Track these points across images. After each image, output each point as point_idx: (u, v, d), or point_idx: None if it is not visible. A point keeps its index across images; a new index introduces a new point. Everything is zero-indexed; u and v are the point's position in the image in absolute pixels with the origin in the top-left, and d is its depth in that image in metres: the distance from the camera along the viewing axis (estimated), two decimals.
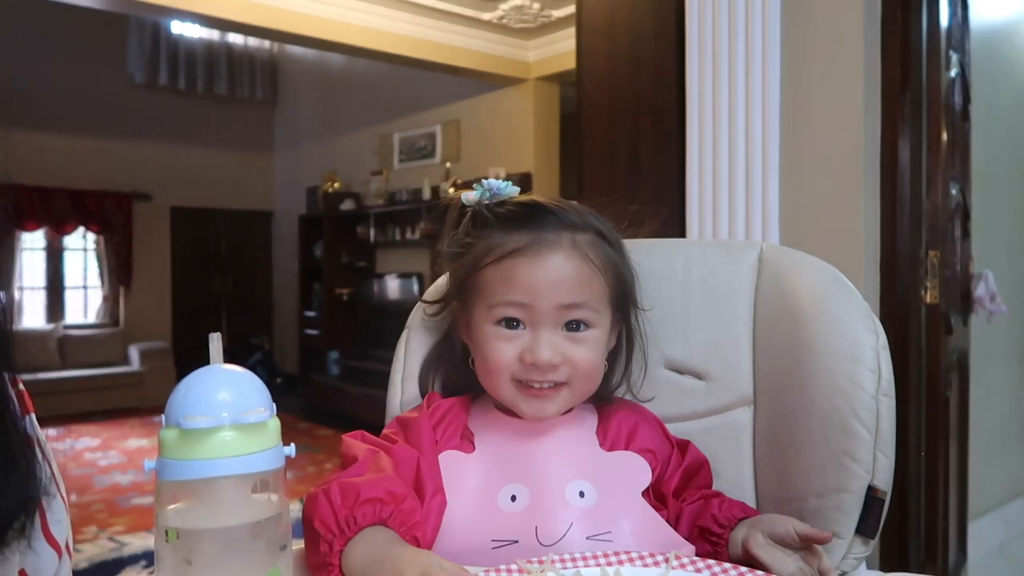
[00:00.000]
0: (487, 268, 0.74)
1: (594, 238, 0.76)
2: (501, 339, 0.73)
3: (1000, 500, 2.72)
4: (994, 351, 2.67)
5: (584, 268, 0.73)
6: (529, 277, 0.72)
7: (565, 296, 0.72)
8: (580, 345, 0.73)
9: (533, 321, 0.72)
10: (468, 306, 0.77)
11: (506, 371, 0.73)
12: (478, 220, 0.77)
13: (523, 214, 0.75)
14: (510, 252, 0.72)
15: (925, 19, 1.76)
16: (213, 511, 0.50)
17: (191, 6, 3.96)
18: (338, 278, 6.73)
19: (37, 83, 6.48)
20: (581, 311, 0.73)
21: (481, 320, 0.75)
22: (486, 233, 0.75)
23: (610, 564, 0.61)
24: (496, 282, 0.73)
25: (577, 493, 0.72)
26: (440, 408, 0.79)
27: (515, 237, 0.73)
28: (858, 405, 0.74)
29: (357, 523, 0.61)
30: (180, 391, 0.50)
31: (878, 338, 0.76)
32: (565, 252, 0.73)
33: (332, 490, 0.62)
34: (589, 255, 0.74)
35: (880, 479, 0.74)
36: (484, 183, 0.78)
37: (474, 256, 0.75)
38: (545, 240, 0.73)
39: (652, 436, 0.80)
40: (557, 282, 0.72)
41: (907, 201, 1.74)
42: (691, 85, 1.96)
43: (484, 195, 0.78)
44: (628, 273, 0.79)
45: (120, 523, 3.52)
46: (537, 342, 0.72)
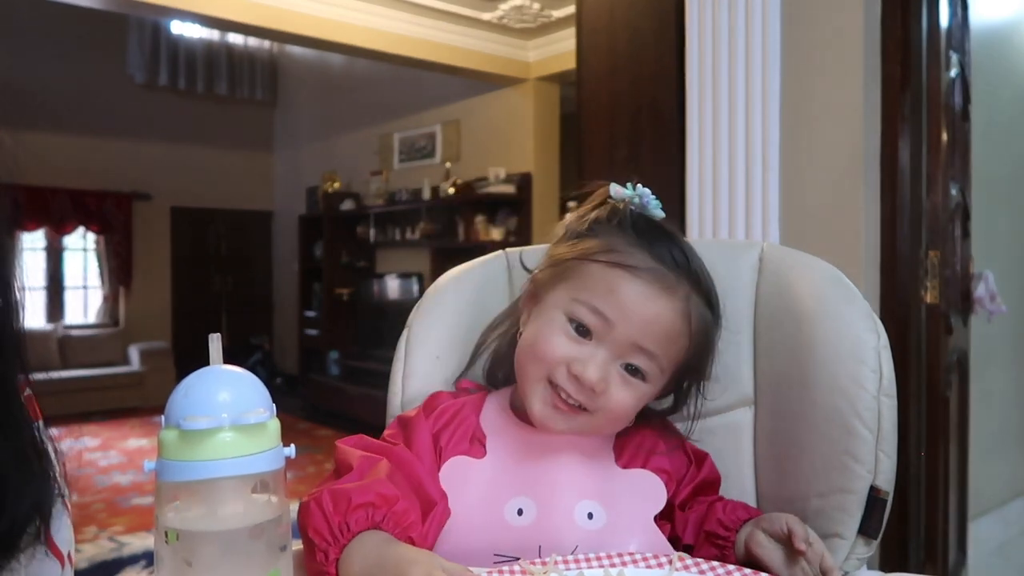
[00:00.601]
0: (598, 264, 0.71)
1: (704, 302, 0.73)
2: (564, 335, 0.70)
3: (1000, 500, 2.72)
4: (994, 351, 2.66)
5: (680, 325, 0.71)
6: (630, 299, 0.69)
7: (647, 339, 0.69)
8: (626, 388, 0.70)
9: (603, 339, 0.69)
10: (553, 283, 0.74)
11: (548, 366, 0.70)
12: (615, 217, 0.75)
13: (657, 237, 0.72)
14: (627, 265, 0.70)
15: (925, 19, 1.76)
16: (213, 512, 0.49)
17: (191, 6, 3.96)
18: (338, 278, 6.73)
19: (37, 83, 6.48)
20: (649, 361, 0.70)
21: (558, 304, 0.72)
22: (614, 232, 0.73)
23: (613, 565, 0.61)
24: (597, 281, 0.70)
25: (586, 515, 0.70)
26: (448, 411, 0.77)
27: (639, 255, 0.70)
28: (860, 405, 0.74)
29: (351, 529, 0.60)
30: (180, 392, 0.50)
31: (879, 338, 0.76)
32: (675, 301, 0.70)
33: (323, 498, 0.62)
34: (692, 315, 0.71)
35: (882, 479, 0.74)
36: (639, 188, 0.76)
37: (592, 245, 0.72)
38: (665, 277, 0.70)
39: (671, 455, 0.77)
40: (651, 321, 0.69)
41: (907, 201, 1.73)
42: (691, 85, 1.96)
43: (634, 199, 0.76)
44: (711, 350, 0.76)
45: (120, 523, 3.52)
46: (593, 360, 0.69)
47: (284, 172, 8.01)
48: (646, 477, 0.74)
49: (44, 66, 6.46)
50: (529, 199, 5.27)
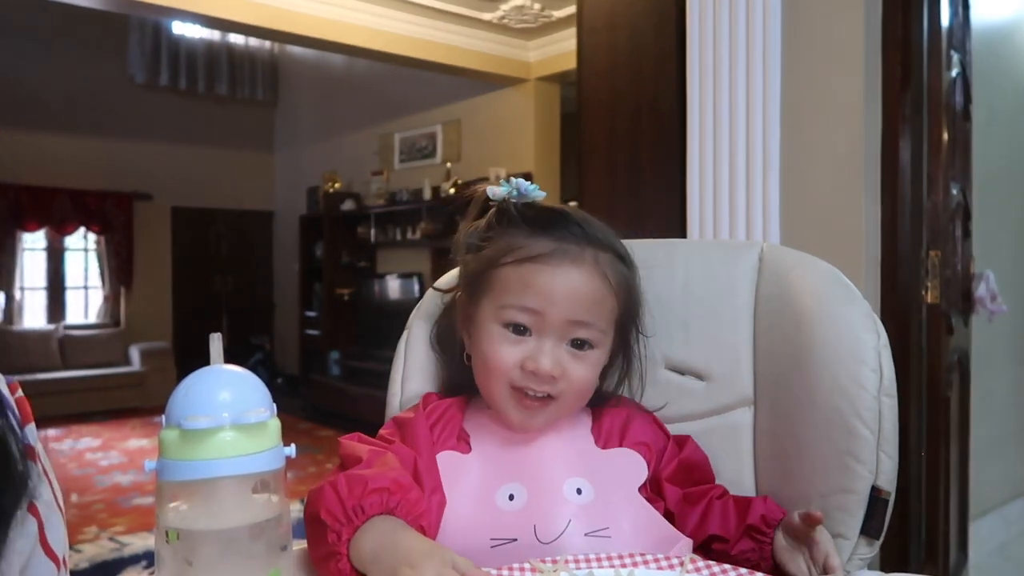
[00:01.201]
0: (506, 267, 0.73)
1: (614, 258, 0.76)
2: (507, 342, 0.73)
3: (1001, 500, 2.72)
4: (995, 351, 2.66)
5: (601, 287, 0.73)
6: (547, 285, 0.71)
7: (578, 312, 0.72)
8: (580, 363, 0.74)
9: (541, 330, 0.72)
10: (476, 300, 0.77)
11: (505, 375, 0.73)
12: (504, 216, 0.77)
13: (549, 220, 0.75)
14: (533, 256, 0.72)
15: (926, 19, 1.76)
16: (214, 512, 0.49)
17: (192, 6, 3.96)
18: (339, 278, 6.73)
19: (38, 83, 6.48)
20: (589, 330, 0.73)
21: (488, 317, 0.75)
22: (510, 231, 0.75)
23: (624, 566, 0.61)
24: (512, 283, 0.73)
25: (575, 490, 0.73)
26: (438, 409, 0.79)
27: (539, 242, 0.73)
28: (860, 405, 0.73)
29: (365, 512, 0.61)
30: (180, 391, 0.50)
31: (879, 338, 0.76)
32: (586, 268, 0.73)
33: (339, 481, 0.62)
34: (607, 275, 0.74)
35: (883, 479, 0.73)
36: (513, 181, 0.78)
37: (494, 252, 0.75)
38: (569, 251, 0.73)
39: (645, 429, 0.80)
40: (573, 296, 0.72)
41: (908, 201, 1.73)
42: (692, 85, 1.96)
43: (512, 192, 0.77)
44: (638, 298, 0.80)
45: (121, 523, 3.52)
46: (541, 351, 0.72)
47: (285, 172, 8.01)
48: (626, 453, 0.77)
49: (44, 66, 6.46)
50: None
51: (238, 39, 7.30)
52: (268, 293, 8.13)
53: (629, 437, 0.79)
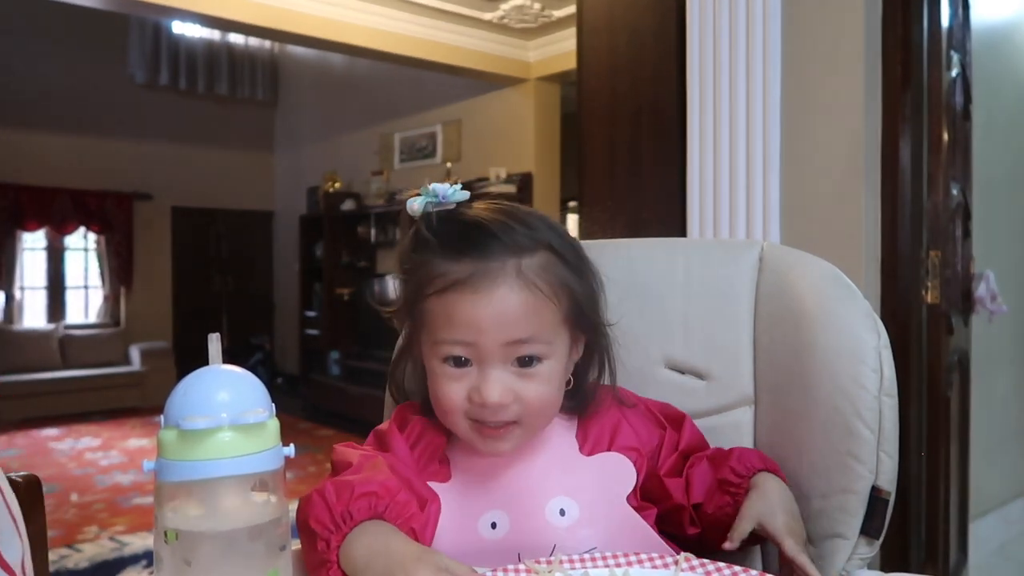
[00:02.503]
0: (430, 299, 0.68)
1: (544, 259, 0.69)
2: (449, 378, 0.69)
3: (1001, 500, 2.72)
4: (995, 351, 2.66)
5: (531, 299, 0.67)
6: (471, 315, 0.66)
7: (511, 332, 0.66)
8: (531, 381, 0.68)
9: (480, 359, 0.67)
10: (417, 331, 0.72)
11: (458, 411, 0.69)
12: (419, 240, 0.70)
13: (466, 237, 0.68)
14: (451, 284, 0.66)
15: (926, 19, 1.76)
16: (212, 512, 0.49)
17: (192, 6, 3.96)
18: (339, 278, 6.73)
19: (38, 83, 6.48)
20: (530, 346, 0.67)
21: (427, 354, 0.71)
22: (428, 257, 0.69)
23: (619, 565, 0.61)
24: (438, 317, 0.68)
25: (558, 512, 0.70)
26: (415, 429, 0.76)
27: (457, 266, 0.67)
28: (860, 405, 0.73)
29: (353, 518, 0.60)
30: (179, 391, 0.50)
31: (880, 338, 0.76)
32: (509, 283, 0.66)
33: (326, 488, 0.62)
34: (536, 283, 0.67)
35: (884, 479, 0.73)
36: (430, 188, 0.70)
37: (417, 283, 0.69)
38: (488, 271, 0.66)
39: (637, 430, 0.76)
40: (501, 318, 0.66)
41: (908, 201, 1.73)
42: (692, 85, 1.96)
43: (430, 203, 0.70)
44: (586, 289, 0.73)
45: (121, 523, 3.52)
46: (485, 381, 0.67)
47: (285, 172, 8.01)
48: (612, 459, 0.74)
49: (44, 66, 6.46)
50: (530, 199, 5.27)
51: (238, 39, 7.30)
52: (268, 293, 8.13)
53: (618, 441, 0.75)
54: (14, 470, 0.81)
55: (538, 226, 0.70)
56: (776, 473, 0.73)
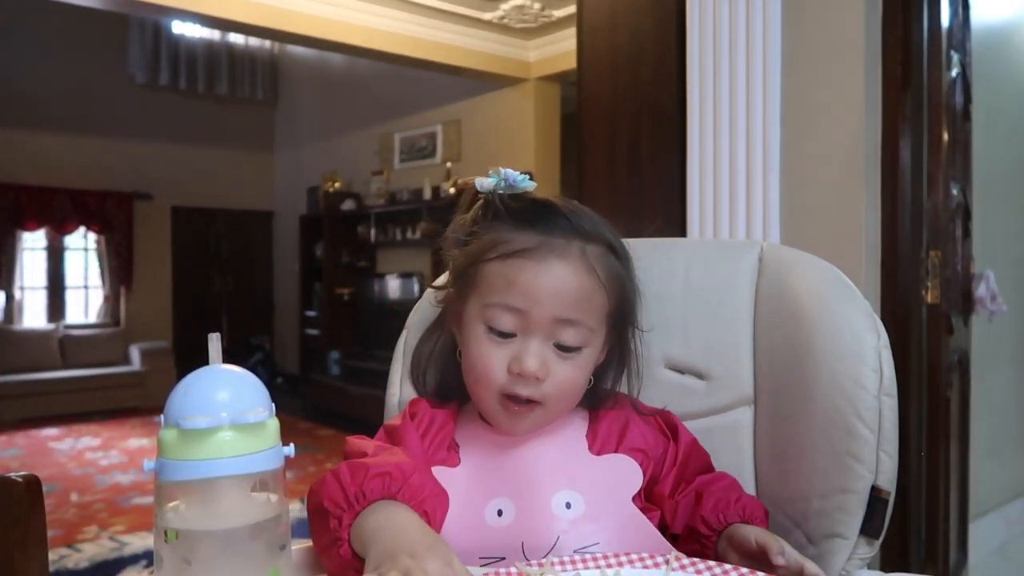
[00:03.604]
0: (490, 263, 0.71)
1: (604, 250, 0.72)
2: (491, 345, 0.71)
3: (1001, 500, 2.72)
4: (995, 351, 2.66)
5: (588, 282, 0.70)
6: (531, 282, 0.69)
7: (564, 310, 0.69)
8: (566, 363, 0.71)
9: (526, 329, 0.70)
10: (463, 297, 0.74)
11: (493, 380, 0.71)
12: (489, 210, 0.74)
13: (536, 213, 0.72)
14: (516, 251, 0.69)
15: (926, 19, 1.76)
16: (212, 511, 0.49)
17: (192, 6, 3.96)
18: (339, 278, 6.73)
19: (38, 83, 6.48)
20: (576, 328, 0.70)
21: (473, 316, 0.72)
22: (495, 225, 0.72)
23: (610, 566, 0.61)
24: (496, 280, 0.70)
25: (564, 504, 0.70)
26: (426, 418, 0.77)
27: (524, 236, 0.70)
28: (860, 405, 0.73)
29: (366, 497, 0.60)
30: (179, 391, 0.50)
31: (879, 338, 0.76)
32: (572, 262, 0.70)
33: (340, 470, 0.62)
34: (596, 268, 0.71)
35: (883, 479, 0.73)
36: (501, 172, 0.75)
37: (479, 247, 0.72)
38: (554, 245, 0.70)
39: (644, 433, 0.77)
40: (559, 292, 0.69)
41: (908, 201, 1.73)
42: (692, 85, 1.96)
43: (500, 184, 0.75)
44: (632, 291, 0.76)
45: (121, 523, 3.52)
46: (526, 351, 0.69)
47: (285, 172, 8.01)
48: (620, 460, 0.74)
49: (44, 66, 6.46)
50: None
51: (238, 39, 7.30)
52: (268, 293, 8.13)
53: (626, 442, 0.76)
54: (14, 470, 0.81)
55: (600, 222, 0.74)
56: (756, 519, 0.71)
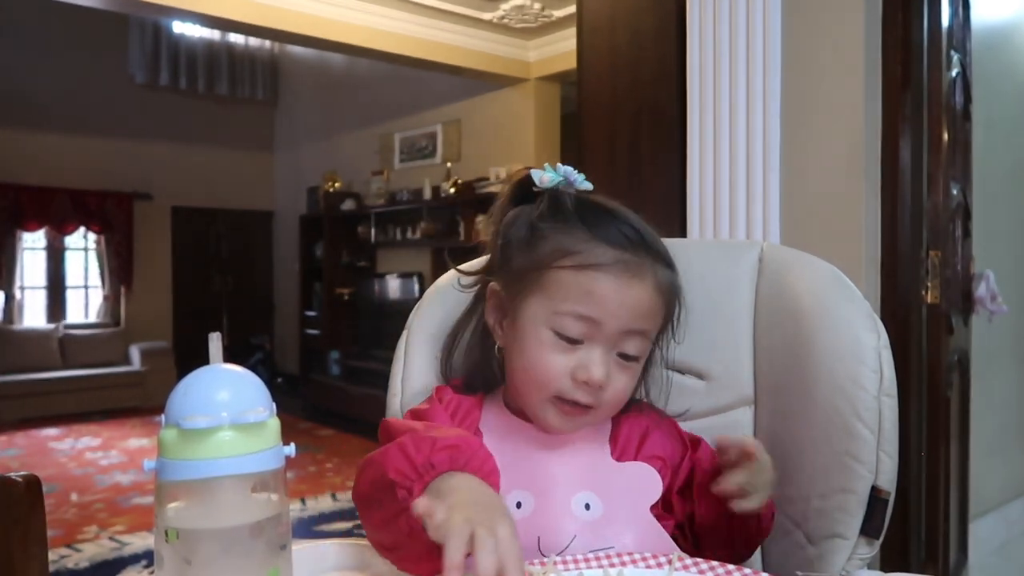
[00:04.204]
0: (564, 270, 0.70)
1: (665, 268, 0.74)
2: (556, 350, 0.71)
3: (1001, 500, 2.72)
4: (995, 351, 2.66)
5: (656, 300, 0.72)
6: (610, 296, 0.69)
7: (634, 323, 0.71)
8: (623, 373, 0.72)
9: (593, 338, 0.70)
10: (521, 297, 0.73)
11: (552, 385, 0.71)
12: (559, 210, 0.73)
13: (608, 225, 0.72)
14: (596, 264, 0.70)
15: (926, 19, 1.76)
16: (213, 511, 0.49)
17: (192, 6, 3.96)
18: (339, 278, 6.73)
19: (38, 83, 6.48)
20: (640, 340, 0.72)
21: (536, 319, 0.72)
22: (564, 228, 0.72)
23: (612, 566, 0.61)
24: (571, 288, 0.70)
25: (583, 505, 0.71)
26: (452, 403, 0.77)
27: (600, 250, 0.70)
28: (860, 405, 0.73)
29: (435, 468, 0.59)
30: (180, 391, 0.50)
31: (879, 338, 0.76)
32: (648, 282, 0.71)
33: (404, 443, 0.61)
34: (662, 290, 0.73)
35: (883, 479, 0.73)
36: (560, 168, 0.75)
37: (551, 252, 0.71)
38: (630, 265, 0.70)
39: (663, 441, 0.78)
40: (634, 309, 0.70)
41: (908, 201, 1.73)
42: (692, 85, 1.96)
43: (560, 181, 0.75)
44: (678, 301, 0.78)
45: (121, 523, 3.52)
46: (592, 360, 0.70)
47: (285, 172, 8.01)
48: (640, 468, 0.75)
49: (44, 66, 6.46)
50: None
51: (238, 39, 7.30)
52: (268, 293, 8.13)
53: (645, 449, 0.76)
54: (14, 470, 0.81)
55: (654, 234, 0.75)
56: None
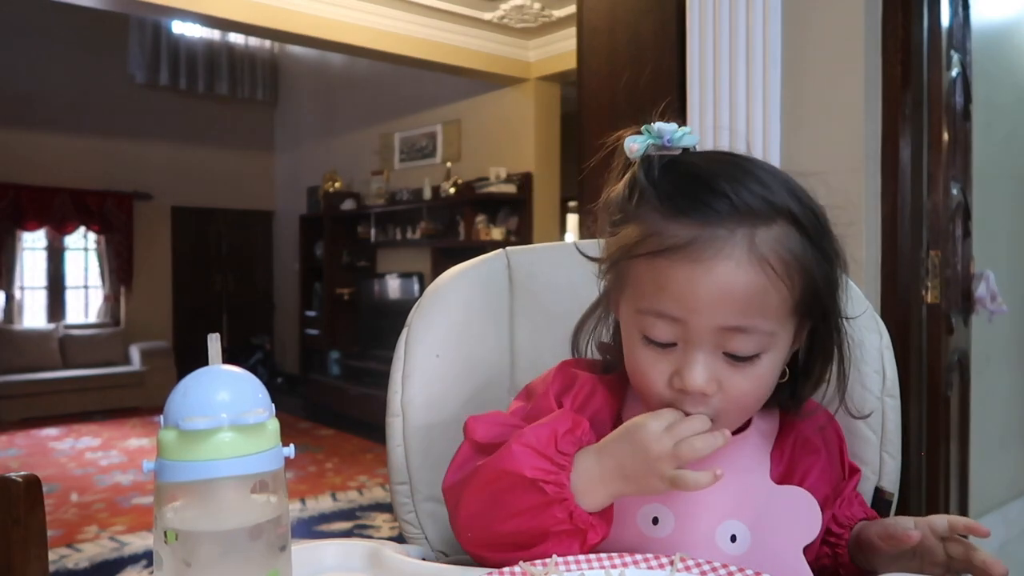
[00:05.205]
0: (638, 260, 0.59)
1: (781, 231, 0.57)
2: (650, 355, 0.60)
3: (1001, 500, 2.72)
4: (995, 351, 2.66)
5: (759, 279, 0.56)
6: (685, 288, 0.56)
7: (729, 317, 0.56)
8: (740, 374, 0.58)
9: (687, 339, 0.58)
10: (617, 290, 0.64)
11: (654, 395, 0.61)
12: (635, 189, 0.60)
13: (688, 192, 0.57)
14: (666, 248, 0.56)
15: (926, 19, 1.76)
16: (212, 512, 0.49)
17: (192, 6, 3.96)
18: (339, 278, 6.73)
19: (38, 83, 6.49)
20: (748, 336, 0.57)
21: (627, 319, 0.62)
22: (643, 208, 0.59)
23: (615, 566, 0.60)
24: (645, 282, 0.58)
25: (728, 536, 0.61)
26: (583, 391, 0.66)
27: (675, 227, 0.57)
28: (863, 406, 0.73)
29: (567, 454, 0.57)
30: (179, 392, 0.50)
31: (882, 338, 0.76)
32: (737, 257, 0.55)
33: (526, 438, 0.59)
34: (770, 259, 0.56)
35: (886, 480, 0.73)
36: (654, 127, 0.61)
37: (626, 238, 0.60)
38: (713, 239, 0.55)
39: (830, 470, 0.67)
40: (721, 298, 0.55)
41: (908, 201, 1.73)
42: (692, 85, 1.96)
43: (652, 144, 0.61)
44: (827, 272, 0.60)
45: (121, 523, 3.52)
46: (689, 364, 0.58)
47: (285, 172, 8.01)
48: (802, 498, 0.62)
49: (44, 66, 6.47)
50: (530, 199, 5.27)
51: (238, 39, 7.30)
52: (268, 293, 8.13)
53: (812, 476, 0.65)
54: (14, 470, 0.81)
55: (777, 188, 0.59)
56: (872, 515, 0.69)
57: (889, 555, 0.62)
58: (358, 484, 4.20)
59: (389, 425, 0.85)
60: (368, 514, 3.69)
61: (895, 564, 0.61)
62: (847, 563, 0.66)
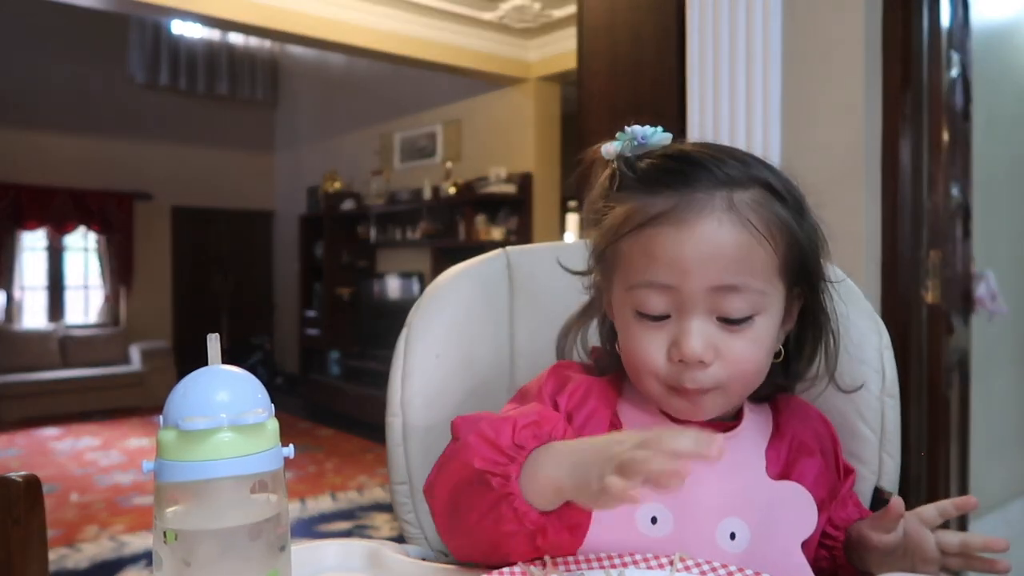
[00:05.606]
0: (626, 238, 0.61)
1: (760, 195, 0.60)
2: (644, 332, 0.61)
3: (1001, 500, 2.71)
4: (995, 351, 2.66)
5: (743, 236, 0.58)
6: (673, 252, 0.58)
7: (719, 276, 0.57)
8: (738, 338, 0.59)
9: (680, 307, 0.59)
10: (609, 281, 0.65)
11: (654, 372, 0.61)
12: (615, 179, 0.63)
13: (669, 169, 0.60)
14: (651, 218, 0.59)
15: (926, 19, 1.76)
16: (212, 512, 0.49)
17: (192, 6, 3.96)
18: (339, 278, 6.73)
19: (38, 83, 6.48)
20: (741, 296, 0.58)
21: (621, 302, 0.63)
22: (626, 194, 0.62)
23: (614, 566, 0.60)
24: (635, 256, 0.60)
25: (728, 534, 0.62)
26: (577, 392, 0.66)
27: (659, 199, 0.59)
28: (863, 406, 0.73)
29: (524, 448, 0.55)
30: (178, 392, 0.50)
31: (881, 338, 0.76)
32: (718, 216, 0.58)
33: (481, 428, 0.57)
34: (750, 218, 0.58)
35: (886, 480, 0.73)
36: (628, 130, 0.64)
37: (611, 223, 0.62)
38: (693, 202, 0.58)
39: (824, 468, 0.67)
40: (710, 256, 0.57)
41: (908, 201, 1.73)
42: (692, 85, 1.96)
43: (627, 146, 0.64)
44: (808, 236, 0.63)
45: (121, 523, 3.52)
46: (684, 333, 0.58)
47: (285, 172, 8.01)
48: (799, 493, 0.63)
49: (45, 66, 6.46)
50: (530, 199, 5.27)
51: (238, 39, 7.30)
52: (268, 293, 8.13)
53: (809, 473, 0.66)
54: (14, 470, 0.81)
55: (752, 162, 0.62)
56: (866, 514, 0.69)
57: (881, 551, 0.61)
58: (358, 484, 4.20)
59: (389, 425, 0.85)
60: (368, 514, 3.69)
61: (886, 563, 0.61)
62: (845, 564, 0.66)
